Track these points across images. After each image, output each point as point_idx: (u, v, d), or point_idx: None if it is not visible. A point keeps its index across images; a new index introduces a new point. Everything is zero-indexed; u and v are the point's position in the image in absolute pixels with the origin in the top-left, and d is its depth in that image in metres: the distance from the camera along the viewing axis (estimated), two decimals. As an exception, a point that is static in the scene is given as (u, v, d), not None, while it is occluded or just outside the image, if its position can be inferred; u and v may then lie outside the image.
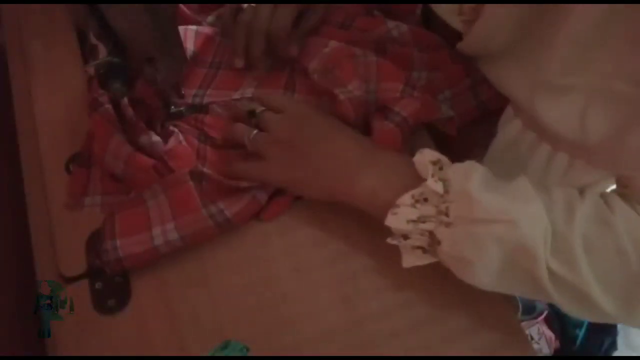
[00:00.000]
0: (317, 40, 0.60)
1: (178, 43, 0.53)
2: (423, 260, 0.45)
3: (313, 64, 0.57)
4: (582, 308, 0.41)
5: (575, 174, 0.46)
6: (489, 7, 0.44)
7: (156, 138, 0.52)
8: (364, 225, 0.49)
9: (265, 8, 0.57)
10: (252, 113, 0.54)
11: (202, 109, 0.58)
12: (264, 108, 0.53)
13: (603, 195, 0.42)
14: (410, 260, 0.46)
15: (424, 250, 0.45)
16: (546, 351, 1.06)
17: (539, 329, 1.05)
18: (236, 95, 0.59)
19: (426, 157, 0.45)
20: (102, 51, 0.47)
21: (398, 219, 0.44)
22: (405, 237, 0.45)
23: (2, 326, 0.50)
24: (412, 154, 0.46)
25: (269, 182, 0.51)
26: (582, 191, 0.43)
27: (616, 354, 1.08)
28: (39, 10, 0.66)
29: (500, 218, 0.40)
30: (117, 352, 0.47)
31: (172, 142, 0.52)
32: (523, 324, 1.05)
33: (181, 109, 0.57)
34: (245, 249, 0.51)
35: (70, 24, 0.64)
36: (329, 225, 0.51)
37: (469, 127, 0.58)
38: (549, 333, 1.06)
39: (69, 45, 0.63)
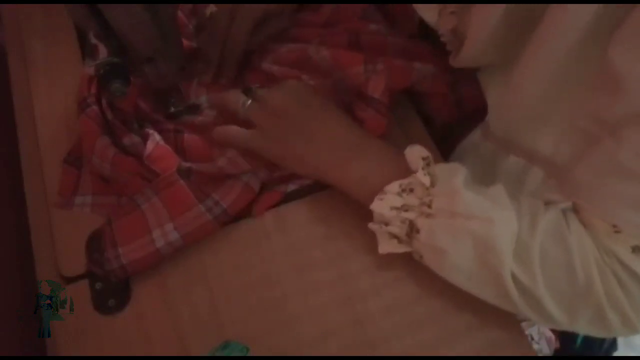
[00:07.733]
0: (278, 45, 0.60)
1: (178, 43, 0.53)
2: (397, 249, 0.47)
3: (268, 66, 0.58)
4: (534, 312, 0.44)
5: (546, 192, 0.47)
6: (471, 33, 0.45)
7: (137, 138, 0.52)
8: (365, 225, 0.49)
9: (224, 14, 0.55)
10: (248, 90, 0.53)
11: (195, 109, 0.58)
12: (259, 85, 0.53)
13: (564, 212, 0.44)
14: (386, 247, 0.48)
15: (399, 240, 0.47)
16: (546, 351, 1.06)
17: (539, 329, 1.05)
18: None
19: (416, 152, 0.47)
20: (102, 51, 0.47)
21: (383, 204, 0.46)
22: (386, 223, 0.47)
23: (2, 326, 0.50)
24: (404, 144, 0.48)
25: (259, 152, 0.50)
26: (547, 204, 0.45)
27: (616, 354, 1.08)
28: (39, 10, 0.66)
29: (479, 215, 0.43)
30: (117, 352, 0.47)
31: (149, 145, 0.51)
32: (523, 324, 1.05)
33: (180, 109, 0.57)
34: (245, 248, 0.51)
35: (70, 24, 0.64)
36: (329, 225, 0.51)
37: (461, 127, 0.58)
38: (549, 333, 1.06)
39: (69, 45, 0.63)
